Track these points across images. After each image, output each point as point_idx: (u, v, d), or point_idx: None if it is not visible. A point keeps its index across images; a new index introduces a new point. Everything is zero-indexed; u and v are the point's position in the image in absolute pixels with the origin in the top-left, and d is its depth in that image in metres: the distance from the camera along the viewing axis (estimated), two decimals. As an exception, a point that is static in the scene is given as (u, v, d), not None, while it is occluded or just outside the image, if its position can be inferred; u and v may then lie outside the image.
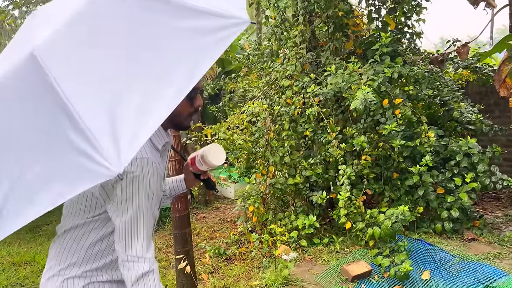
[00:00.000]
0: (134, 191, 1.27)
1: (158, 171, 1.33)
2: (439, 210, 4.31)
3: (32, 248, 5.18)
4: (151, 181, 1.30)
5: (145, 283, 1.26)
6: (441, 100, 5.13)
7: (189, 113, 1.44)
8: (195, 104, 1.44)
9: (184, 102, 1.37)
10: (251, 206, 4.66)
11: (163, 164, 1.47)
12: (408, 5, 5.03)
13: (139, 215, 1.28)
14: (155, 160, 1.34)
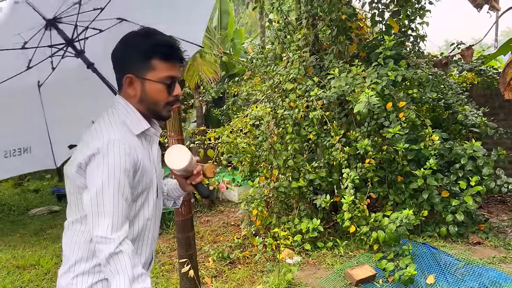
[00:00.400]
0: (99, 171, 1.29)
1: (129, 154, 1.32)
2: (444, 214, 4.29)
3: (37, 251, 5.20)
4: (117, 162, 1.29)
5: (113, 264, 1.25)
6: (445, 103, 5.11)
7: (166, 102, 1.44)
8: (172, 92, 1.44)
9: (160, 90, 1.41)
10: (255, 209, 4.66)
11: (148, 152, 1.47)
12: (412, 8, 5.02)
13: (104, 195, 1.28)
14: (127, 143, 1.34)
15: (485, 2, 3.95)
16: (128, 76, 1.42)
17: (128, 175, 1.32)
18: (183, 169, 1.47)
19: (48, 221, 6.87)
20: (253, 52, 6.13)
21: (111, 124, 1.40)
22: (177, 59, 1.44)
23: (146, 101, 1.43)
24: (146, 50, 1.39)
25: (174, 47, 1.42)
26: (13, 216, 7.42)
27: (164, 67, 1.41)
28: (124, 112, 1.43)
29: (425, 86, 4.51)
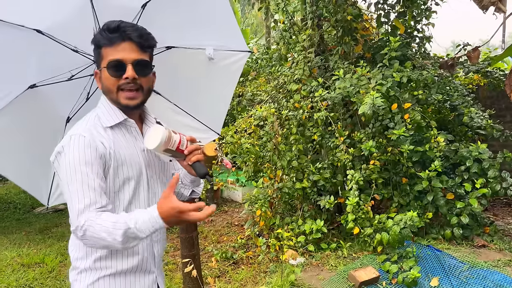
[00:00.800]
0: (62, 168, 1.35)
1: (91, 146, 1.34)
2: (448, 216, 4.26)
3: (42, 249, 5.23)
4: (76, 155, 1.32)
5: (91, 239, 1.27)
6: (451, 105, 5.08)
7: (117, 86, 1.40)
8: (121, 76, 1.39)
9: (107, 76, 1.40)
10: (259, 210, 4.65)
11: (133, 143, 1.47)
12: (418, 9, 5.00)
13: (70, 189, 1.31)
14: (87, 135, 1.35)
15: (491, 3, 3.91)
16: (95, 71, 1.48)
17: (92, 165, 1.33)
18: (157, 148, 1.39)
19: (53, 219, 6.91)
20: (258, 52, 6.14)
21: (84, 120, 1.44)
22: (120, 39, 1.39)
23: (104, 91, 1.46)
24: (97, 41, 1.43)
25: (115, 29, 1.38)
26: (19, 214, 7.48)
27: (110, 52, 1.39)
28: (101, 107, 1.47)
29: (431, 88, 4.48)
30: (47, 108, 1.99)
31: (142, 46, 1.43)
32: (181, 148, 1.47)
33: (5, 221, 7.02)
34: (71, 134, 1.37)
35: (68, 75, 1.89)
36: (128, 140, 1.47)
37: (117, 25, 1.38)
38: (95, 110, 1.48)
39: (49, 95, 1.94)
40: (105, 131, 1.42)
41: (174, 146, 1.44)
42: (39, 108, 1.96)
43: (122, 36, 1.39)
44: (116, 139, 1.43)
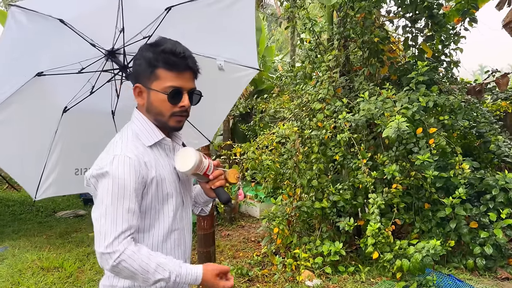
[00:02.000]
0: (103, 188, 1.33)
1: (134, 167, 1.34)
2: (471, 245, 4.15)
3: (61, 254, 5.31)
4: (121, 177, 1.31)
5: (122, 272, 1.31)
6: (477, 132, 4.98)
7: (171, 112, 1.42)
8: (177, 103, 1.41)
9: (163, 100, 1.40)
10: (276, 227, 4.63)
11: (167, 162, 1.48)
12: (446, 34, 4.96)
13: (107, 210, 1.31)
14: (132, 156, 1.35)
15: (523, 31, 3.87)
16: (137, 85, 1.44)
17: (134, 189, 1.34)
18: (189, 171, 1.44)
19: (73, 224, 7.03)
20: (283, 70, 6.18)
21: (123, 138, 1.42)
22: (183, 68, 1.40)
23: (152, 111, 1.44)
24: (151, 59, 1.39)
25: (180, 56, 1.39)
26: (41, 217, 7.64)
27: (169, 77, 1.39)
28: (138, 124, 1.45)
29: (457, 113, 4.41)
30: (47, 97, 1.97)
31: (196, 76, 1.47)
32: (208, 173, 1.51)
33: (28, 223, 7.18)
34: (115, 154, 1.35)
35: (77, 66, 1.88)
36: (163, 158, 1.48)
37: (183, 51, 1.39)
38: (129, 126, 1.48)
39: (52, 84, 1.92)
40: (145, 150, 1.42)
41: (202, 170, 1.49)
42: (40, 97, 1.94)
43: (186, 65, 1.40)
44: (156, 158, 1.45)
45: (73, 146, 2.16)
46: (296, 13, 5.60)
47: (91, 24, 1.81)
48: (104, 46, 1.90)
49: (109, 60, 1.95)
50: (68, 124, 2.07)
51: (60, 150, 2.12)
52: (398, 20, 5.35)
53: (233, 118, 8.59)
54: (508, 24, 4.29)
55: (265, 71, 8.86)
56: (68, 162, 2.19)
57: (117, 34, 1.87)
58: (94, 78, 1.99)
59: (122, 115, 2.18)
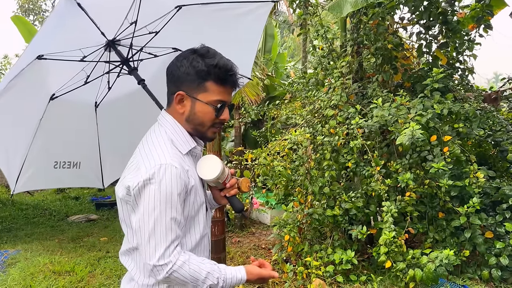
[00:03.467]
0: (151, 198, 1.30)
1: (181, 177, 1.33)
2: (486, 256, 4.06)
3: (73, 258, 5.35)
4: (168, 189, 1.30)
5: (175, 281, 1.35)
6: (494, 140, 4.89)
7: (212, 124, 1.45)
8: (219, 115, 1.44)
9: (209, 112, 1.42)
10: (287, 234, 4.59)
11: (194, 169, 1.49)
12: (460, 40, 4.90)
13: (155, 222, 1.30)
14: (178, 165, 1.34)
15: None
16: (180, 93, 1.43)
17: (180, 200, 1.34)
18: (214, 179, 1.47)
19: (85, 228, 7.08)
20: (295, 76, 6.17)
21: (161, 144, 1.39)
22: (230, 84, 1.44)
23: (193, 121, 1.44)
24: (203, 70, 1.39)
25: (230, 72, 1.42)
26: (53, 221, 7.71)
27: (217, 90, 1.41)
28: (172, 131, 1.44)
29: (472, 121, 4.34)
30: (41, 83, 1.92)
31: (233, 91, 1.52)
32: (226, 182, 1.54)
33: (40, 227, 7.26)
34: (162, 163, 1.32)
35: (78, 53, 1.83)
36: (193, 164, 1.49)
37: (231, 67, 1.43)
38: (161, 131, 1.45)
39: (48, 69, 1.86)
40: (183, 158, 1.42)
41: (222, 179, 1.51)
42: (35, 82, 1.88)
43: (233, 82, 1.45)
44: (191, 165, 1.46)
45: (55, 136, 2.09)
46: (309, 20, 5.60)
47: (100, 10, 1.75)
48: (107, 35, 1.86)
49: (107, 50, 1.91)
50: (53, 112, 2.00)
51: (42, 140, 2.04)
52: (412, 27, 5.31)
53: (244, 125, 8.61)
54: (524, 32, 4.22)
55: (277, 78, 8.87)
56: (48, 154, 2.12)
57: (125, 25, 1.83)
58: (89, 67, 1.93)
59: (107, 108, 2.14)
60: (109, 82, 2.05)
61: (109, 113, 2.17)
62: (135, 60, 1.94)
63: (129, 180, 1.35)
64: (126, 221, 1.44)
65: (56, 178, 2.19)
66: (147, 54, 1.98)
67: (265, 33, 9.35)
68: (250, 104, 7.02)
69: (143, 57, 1.97)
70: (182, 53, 1.47)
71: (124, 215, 1.43)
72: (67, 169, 2.14)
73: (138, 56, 1.96)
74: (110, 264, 5.09)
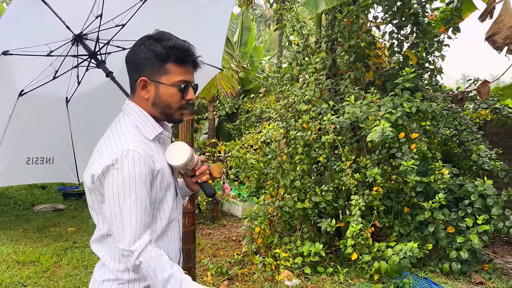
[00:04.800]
0: (116, 184, 1.31)
1: (145, 162, 1.34)
2: (448, 250, 4.23)
3: (38, 248, 5.22)
4: (131, 173, 1.31)
5: (141, 272, 1.34)
6: (459, 140, 5.07)
7: (179, 105, 1.46)
8: (185, 96, 1.46)
9: (174, 93, 1.43)
10: (258, 227, 4.64)
11: (162, 155, 1.49)
12: (430, 41, 5.06)
13: (122, 207, 1.30)
14: (141, 151, 1.34)
15: (504, 45, 3.98)
16: (142, 79, 1.44)
17: (145, 184, 1.34)
18: (182, 165, 1.47)
19: (52, 218, 6.92)
20: (270, 70, 6.20)
21: (124, 131, 1.40)
22: (190, 63, 1.46)
23: (159, 104, 1.45)
24: (161, 53, 1.41)
25: (188, 52, 1.44)
26: (18, 210, 7.49)
27: (178, 71, 1.43)
28: (137, 118, 1.45)
29: (439, 121, 4.50)
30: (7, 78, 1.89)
31: (195, 71, 1.52)
32: (195, 168, 1.55)
33: (4, 216, 7.03)
34: (124, 149, 1.33)
35: (45, 48, 1.81)
36: (160, 150, 1.49)
37: (189, 48, 1.44)
38: (126, 119, 1.46)
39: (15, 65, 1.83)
40: (148, 143, 1.43)
41: (192, 165, 1.52)
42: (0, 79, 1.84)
43: (192, 60, 1.46)
44: (157, 151, 1.46)
45: (26, 133, 2.06)
46: (285, 15, 5.63)
47: (65, 5, 1.74)
48: (73, 29, 1.83)
49: (75, 45, 1.90)
50: (23, 108, 1.98)
51: (13, 136, 2.01)
52: (384, 26, 5.43)
53: (218, 117, 8.59)
54: (491, 37, 4.39)
55: (253, 71, 8.88)
56: (20, 150, 2.09)
57: (91, 19, 1.81)
58: (57, 62, 1.91)
59: (78, 102, 2.12)
60: (78, 76, 2.02)
61: (80, 107, 2.14)
62: (102, 54, 1.93)
63: (94, 168, 1.36)
64: (96, 209, 1.44)
65: (29, 174, 2.14)
66: (115, 47, 1.97)
67: (241, 26, 9.34)
68: (226, 97, 7.01)
69: (111, 50, 1.96)
70: (137, 41, 1.49)
71: (93, 203, 1.43)
72: (40, 165, 2.11)
73: (105, 49, 1.95)
74: (77, 255, 5.00)
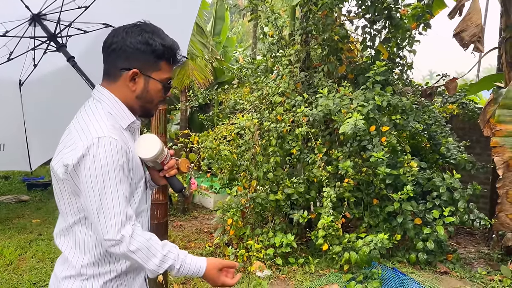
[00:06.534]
0: (93, 173, 1.26)
1: (121, 149, 1.30)
2: (415, 241, 4.36)
3: (1, 241, 5.02)
4: (109, 161, 1.27)
5: (134, 259, 1.29)
6: (428, 133, 5.21)
7: (159, 101, 1.50)
8: (167, 93, 1.51)
9: (160, 90, 1.46)
10: (230, 218, 4.63)
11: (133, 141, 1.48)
12: (402, 36, 5.15)
13: (102, 197, 1.26)
14: (117, 137, 1.31)
15: (471, 42, 4.11)
16: (135, 71, 1.40)
17: (123, 171, 1.30)
18: (151, 159, 1.44)
19: (15, 210, 6.66)
20: (244, 61, 6.16)
21: (97, 118, 1.35)
22: (176, 63, 1.51)
23: (144, 98, 1.44)
24: (159, 50, 1.41)
25: (179, 53, 1.49)
26: (-21, 201, 7.17)
27: (168, 69, 1.47)
28: (110, 105, 1.40)
29: (409, 114, 4.61)
30: None
31: None
32: (164, 162, 1.51)
33: (-36, 207, 6.72)
34: (99, 136, 1.28)
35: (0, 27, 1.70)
36: (131, 140, 1.46)
37: (179, 48, 1.49)
38: (98, 106, 1.41)
39: None
40: (123, 132, 1.40)
41: (161, 159, 1.48)
42: None
43: (178, 61, 1.51)
44: (130, 140, 1.43)
45: None
46: (260, 6, 5.59)
47: None
48: (32, 8, 1.73)
49: (32, 25, 1.80)
50: None
51: None
52: (358, 21, 5.49)
53: (191, 108, 8.48)
54: (459, 34, 4.52)
55: (226, 61, 8.80)
56: None
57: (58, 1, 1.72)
58: (12, 43, 1.80)
59: (33, 86, 2.01)
60: (34, 59, 1.90)
61: (35, 92, 2.02)
62: (63, 36, 1.82)
63: (67, 158, 1.30)
64: (65, 199, 1.38)
65: None
66: (77, 30, 1.86)
67: (215, 16, 9.21)
68: (199, 88, 6.92)
69: (72, 33, 1.85)
70: (128, 28, 1.42)
71: (62, 193, 1.37)
72: None
73: (66, 32, 1.84)
74: (42, 247, 4.84)
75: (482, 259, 4.79)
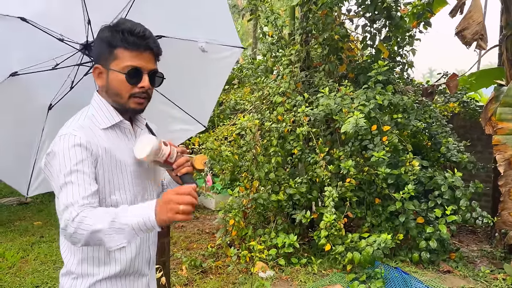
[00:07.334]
0: (55, 167, 1.29)
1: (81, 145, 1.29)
2: (418, 240, 4.35)
3: (3, 243, 5.01)
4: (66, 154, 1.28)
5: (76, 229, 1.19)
6: (429, 133, 5.20)
7: (130, 93, 1.39)
8: (137, 84, 1.37)
9: (121, 80, 1.36)
10: (232, 219, 4.62)
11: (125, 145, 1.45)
12: (402, 35, 5.14)
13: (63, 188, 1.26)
14: (80, 134, 1.31)
15: (473, 40, 4.09)
16: (96, 66, 1.40)
17: (83, 165, 1.29)
18: (146, 158, 1.40)
19: (17, 212, 6.66)
20: (244, 62, 6.15)
21: (73, 120, 1.40)
22: (142, 48, 1.37)
23: (110, 92, 1.40)
24: (110, 38, 1.36)
25: (139, 35, 1.35)
26: (-20, 204, 7.16)
27: (128, 56, 1.35)
28: (96, 107, 1.42)
29: (410, 113, 4.59)
30: (28, 96, 1.93)
31: (157, 56, 1.44)
32: (170, 161, 1.46)
33: (-35, 210, 6.71)
34: (61, 134, 1.32)
35: (53, 63, 1.83)
36: (121, 140, 1.44)
37: (143, 31, 1.36)
38: (86, 109, 1.44)
39: (31, 83, 1.87)
40: (100, 133, 1.39)
41: (162, 158, 1.44)
42: (20, 96, 1.90)
43: (145, 45, 1.37)
44: (111, 141, 1.41)
45: None
46: (259, 6, 5.58)
47: (59, 18, 1.74)
48: (78, 40, 1.84)
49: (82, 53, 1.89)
50: (53, 121, 1.99)
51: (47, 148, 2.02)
52: (358, 20, 5.48)
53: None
54: (460, 32, 4.51)
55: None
56: None
57: (87, 27, 1.80)
58: (73, 73, 1.93)
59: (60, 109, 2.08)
60: (73, 81, 1.98)
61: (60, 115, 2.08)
62: None
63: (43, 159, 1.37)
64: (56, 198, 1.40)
65: None
66: None
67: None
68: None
69: None
70: None
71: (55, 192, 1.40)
72: None
73: None
74: (44, 250, 4.84)
75: (485, 257, 4.78)
